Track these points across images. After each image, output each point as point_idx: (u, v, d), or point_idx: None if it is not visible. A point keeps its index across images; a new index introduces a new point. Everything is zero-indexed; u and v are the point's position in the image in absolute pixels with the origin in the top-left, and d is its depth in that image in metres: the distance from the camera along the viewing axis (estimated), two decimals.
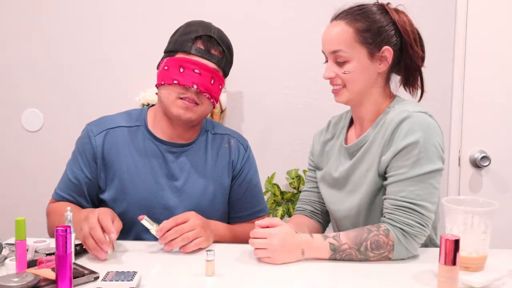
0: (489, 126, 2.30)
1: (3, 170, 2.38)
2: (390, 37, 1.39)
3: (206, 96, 1.50)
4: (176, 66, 1.48)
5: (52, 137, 2.33)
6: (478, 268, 1.19)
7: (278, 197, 2.26)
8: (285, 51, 2.30)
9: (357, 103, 1.44)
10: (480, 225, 1.16)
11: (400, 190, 1.32)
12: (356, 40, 1.37)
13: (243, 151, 1.66)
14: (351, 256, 1.30)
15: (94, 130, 1.56)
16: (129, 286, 1.10)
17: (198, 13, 2.27)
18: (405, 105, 1.41)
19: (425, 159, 1.31)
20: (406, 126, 1.33)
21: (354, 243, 1.30)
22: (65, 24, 2.32)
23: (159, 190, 1.54)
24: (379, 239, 1.29)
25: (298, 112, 2.33)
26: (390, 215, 1.32)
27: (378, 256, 1.30)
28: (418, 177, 1.31)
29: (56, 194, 1.59)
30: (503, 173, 2.31)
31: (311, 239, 1.31)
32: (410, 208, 1.30)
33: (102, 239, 1.27)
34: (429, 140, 1.32)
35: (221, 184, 1.60)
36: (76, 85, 2.34)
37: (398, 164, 1.33)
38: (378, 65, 1.40)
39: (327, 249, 1.30)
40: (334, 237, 1.31)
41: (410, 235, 1.29)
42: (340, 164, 1.50)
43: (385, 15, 1.40)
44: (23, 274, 1.11)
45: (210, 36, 1.51)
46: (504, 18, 2.27)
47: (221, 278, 1.20)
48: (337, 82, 1.41)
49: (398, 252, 1.30)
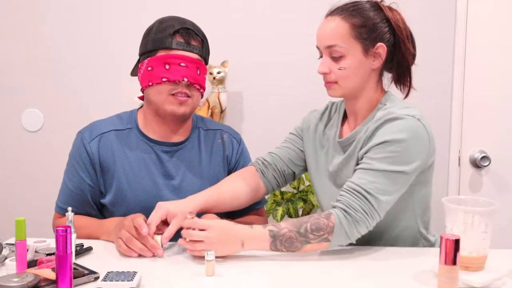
0: (489, 126, 2.30)
1: (3, 170, 2.38)
2: (384, 33, 1.40)
3: (196, 87, 1.52)
4: (161, 64, 1.48)
5: (52, 137, 2.33)
6: (478, 268, 1.19)
7: (278, 197, 2.26)
8: (285, 51, 2.31)
9: (351, 97, 1.45)
10: (480, 224, 1.16)
11: (360, 178, 1.32)
12: (352, 35, 1.38)
13: (237, 144, 1.67)
14: (291, 240, 1.28)
15: (87, 137, 1.55)
16: (129, 286, 1.10)
17: (198, 13, 2.28)
18: (395, 105, 1.41)
19: (396, 158, 1.31)
20: (390, 126, 1.33)
21: (294, 226, 1.29)
22: (65, 24, 2.32)
23: (157, 190, 1.54)
24: (319, 221, 1.28)
25: (298, 112, 2.32)
26: (340, 197, 1.32)
27: (317, 238, 1.28)
28: (383, 172, 1.30)
29: (60, 208, 1.58)
30: (503, 173, 2.31)
31: (251, 229, 1.30)
32: (362, 195, 1.29)
33: (154, 245, 1.31)
34: (408, 144, 1.32)
35: (217, 180, 1.59)
36: (76, 85, 2.34)
37: (369, 155, 1.34)
38: (372, 62, 1.41)
39: (266, 236, 1.28)
40: (273, 224, 1.31)
41: (352, 218, 1.28)
42: (334, 157, 1.50)
43: (379, 12, 1.41)
44: (23, 274, 1.11)
45: (187, 28, 1.52)
46: (504, 18, 2.27)
47: (221, 278, 1.20)
48: (330, 79, 1.42)
49: (338, 234, 1.28)
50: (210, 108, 2.20)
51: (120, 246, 1.33)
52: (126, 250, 1.32)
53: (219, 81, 2.20)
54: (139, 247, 1.31)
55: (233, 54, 2.26)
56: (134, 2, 2.31)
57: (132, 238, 1.31)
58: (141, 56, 1.56)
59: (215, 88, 2.21)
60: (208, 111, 2.20)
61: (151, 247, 1.31)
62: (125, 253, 1.33)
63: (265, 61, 2.31)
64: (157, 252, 1.31)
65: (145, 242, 1.31)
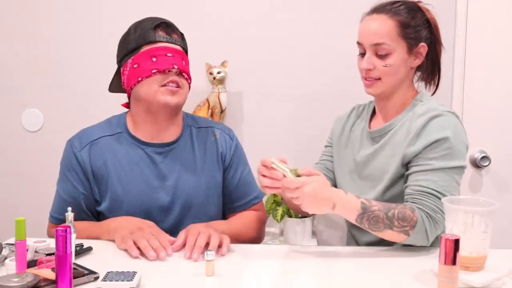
0: (489, 126, 2.29)
1: (3, 170, 2.38)
2: (425, 33, 1.47)
3: (185, 76, 1.52)
4: (147, 58, 1.48)
5: (52, 137, 2.33)
6: (478, 268, 1.19)
7: (278, 197, 2.25)
8: (285, 51, 2.30)
9: (388, 95, 1.49)
10: (480, 224, 1.16)
11: (425, 179, 1.36)
12: (399, 33, 1.43)
13: (230, 141, 1.66)
14: (377, 219, 1.31)
15: (77, 146, 1.54)
16: (129, 286, 1.10)
17: (198, 14, 2.28)
18: (432, 102, 1.47)
19: (453, 154, 1.37)
20: (437, 122, 1.39)
21: (384, 207, 1.32)
22: (65, 24, 2.32)
23: (152, 192, 1.54)
24: (406, 212, 1.32)
25: (298, 112, 2.33)
26: (415, 199, 1.35)
27: (400, 228, 1.31)
28: (444, 170, 1.36)
29: (54, 218, 1.57)
30: (503, 173, 2.31)
31: (345, 194, 1.32)
32: (435, 195, 1.34)
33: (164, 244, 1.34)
34: (458, 139, 1.38)
35: (212, 177, 1.59)
36: (76, 85, 2.34)
37: (427, 156, 1.37)
38: (413, 60, 1.47)
39: (357, 206, 1.31)
40: (365, 199, 1.33)
41: (433, 219, 1.33)
42: (362, 148, 1.53)
43: (421, 13, 1.47)
44: (23, 274, 1.11)
45: (166, 23, 1.54)
46: (504, 18, 2.27)
47: (221, 278, 1.20)
48: (373, 75, 1.45)
49: (418, 232, 1.32)
50: (210, 108, 2.20)
51: (127, 243, 1.33)
52: (130, 247, 1.32)
53: (219, 81, 2.19)
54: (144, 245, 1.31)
55: (233, 54, 2.25)
56: (134, 2, 2.31)
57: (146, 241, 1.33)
58: (122, 60, 1.55)
59: (215, 88, 2.20)
60: (208, 111, 2.20)
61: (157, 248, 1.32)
62: (128, 249, 1.32)
63: (265, 61, 2.30)
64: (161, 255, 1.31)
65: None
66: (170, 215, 1.54)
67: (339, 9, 2.26)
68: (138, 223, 1.41)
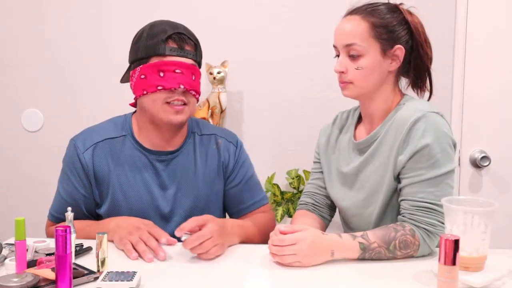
0: (489, 126, 2.29)
1: (3, 170, 2.38)
2: (402, 36, 1.42)
3: (192, 93, 1.48)
4: (155, 71, 1.44)
5: (52, 137, 2.33)
6: (478, 268, 1.18)
7: (278, 197, 2.25)
8: (285, 51, 2.30)
9: (367, 99, 1.46)
10: (480, 225, 1.16)
11: (418, 191, 1.34)
12: (371, 34, 1.39)
13: (233, 148, 1.63)
14: (380, 254, 1.31)
15: (80, 147, 1.52)
16: (129, 286, 1.10)
17: (198, 14, 2.28)
18: (416, 103, 1.42)
19: (440, 160, 1.33)
20: (421, 126, 1.34)
21: (383, 242, 1.30)
22: (65, 24, 2.32)
23: (153, 200, 1.53)
24: (407, 239, 1.31)
25: (298, 112, 2.33)
26: (412, 215, 1.34)
27: (404, 255, 1.32)
28: (436, 178, 1.33)
29: (53, 216, 1.57)
30: (503, 173, 2.31)
31: (341, 239, 1.31)
32: (431, 208, 1.32)
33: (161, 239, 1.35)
34: (440, 142, 1.34)
35: (213, 186, 1.58)
36: (76, 85, 2.34)
37: (415, 166, 1.34)
38: (390, 63, 1.42)
39: (356, 248, 1.30)
40: (362, 236, 1.31)
41: (433, 234, 1.32)
42: (350, 160, 1.50)
43: (399, 14, 1.43)
44: (23, 274, 1.11)
45: (180, 33, 1.47)
46: (504, 18, 2.27)
47: (221, 278, 1.20)
48: (345, 79, 1.42)
49: (422, 251, 1.33)
50: (210, 108, 2.20)
51: (125, 245, 1.34)
52: (129, 250, 1.32)
53: (219, 81, 2.19)
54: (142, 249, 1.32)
55: (233, 54, 2.25)
56: (134, 2, 2.31)
57: (141, 242, 1.33)
58: (132, 63, 1.52)
59: (215, 88, 2.21)
60: (208, 111, 2.20)
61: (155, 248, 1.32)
62: (127, 252, 1.33)
63: (265, 61, 2.30)
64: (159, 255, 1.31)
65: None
66: (170, 223, 1.54)
67: (339, 9, 2.25)
68: (136, 223, 1.40)
